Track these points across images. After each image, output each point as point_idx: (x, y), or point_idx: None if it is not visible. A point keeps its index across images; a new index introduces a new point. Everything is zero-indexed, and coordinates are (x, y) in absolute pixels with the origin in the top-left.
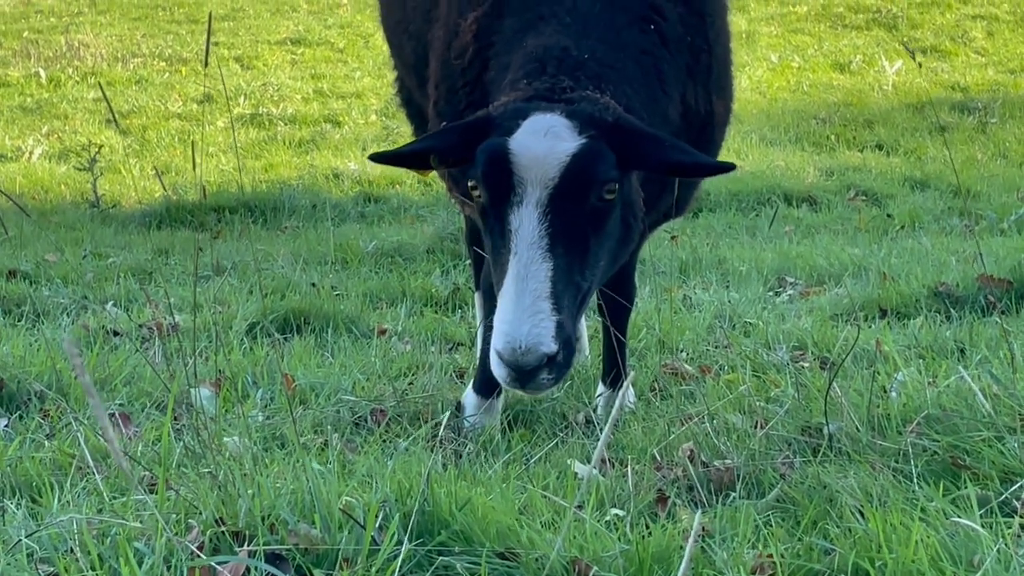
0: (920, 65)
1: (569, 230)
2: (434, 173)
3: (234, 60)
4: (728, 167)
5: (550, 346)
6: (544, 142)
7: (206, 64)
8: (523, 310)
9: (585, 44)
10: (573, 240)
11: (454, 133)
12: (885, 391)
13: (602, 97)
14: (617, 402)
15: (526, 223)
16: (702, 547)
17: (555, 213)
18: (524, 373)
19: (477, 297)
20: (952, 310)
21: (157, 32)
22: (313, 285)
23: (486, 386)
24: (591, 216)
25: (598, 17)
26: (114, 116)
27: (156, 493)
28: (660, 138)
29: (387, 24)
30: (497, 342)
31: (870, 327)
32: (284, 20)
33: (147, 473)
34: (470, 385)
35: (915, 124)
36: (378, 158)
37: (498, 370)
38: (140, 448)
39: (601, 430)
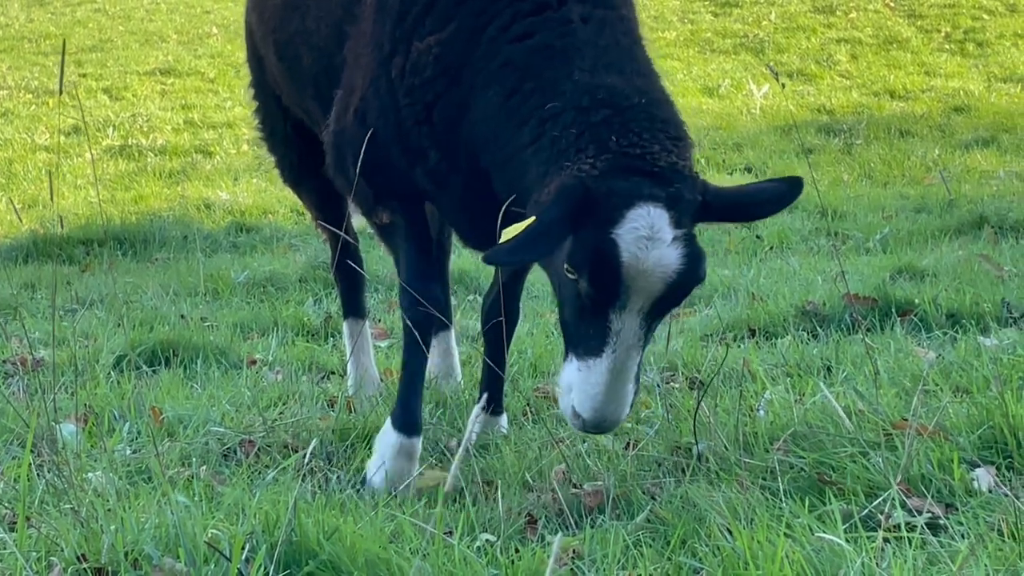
0: (783, 86)
1: (657, 323)
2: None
3: (102, 91)
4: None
5: (626, 414)
6: (653, 253)
7: (60, 92)
8: (613, 398)
9: (631, 82)
10: (656, 327)
11: (560, 231)
12: (753, 410)
13: (686, 164)
14: (468, 427)
15: (628, 328)
16: (572, 569)
17: (652, 315)
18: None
19: (346, 325)
20: (819, 328)
21: (23, 64)
22: (182, 317)
23: (411, 425)
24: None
25: (608, 42)
26: None
27: (16, 531)
28: (738, 198)
29: (277, 38)
30: (584, 410)
31: (739, 347)
32: (153, 50)
33: (8, 511)
34: (387, 423)
35: (783, 146)
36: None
37: (572, 419)
38: (1, 486)
39: (472, 455)
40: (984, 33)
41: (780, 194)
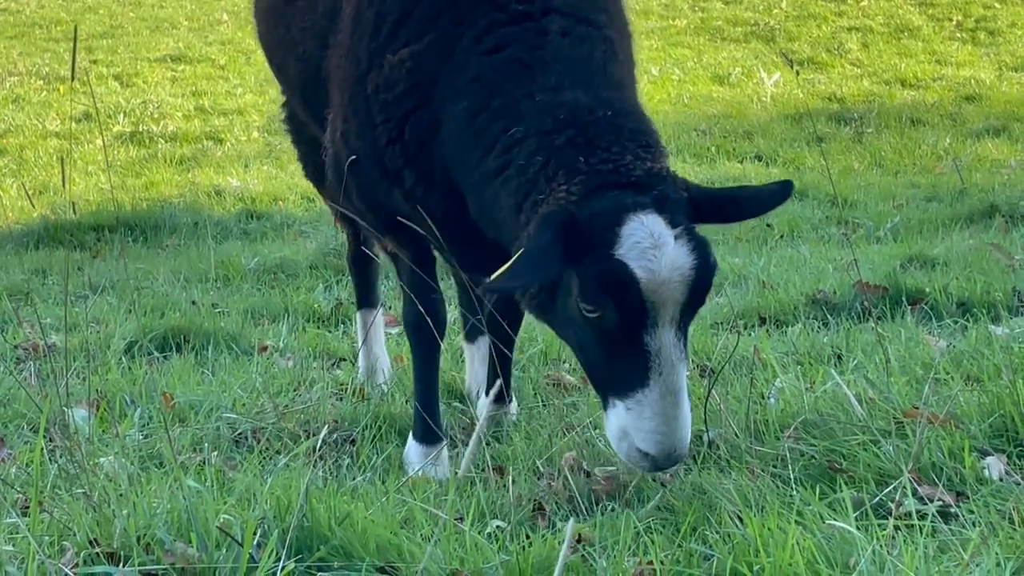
0: (797, 73)
1: (688, 326)
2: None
3: (113, 78)
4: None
5: (690, 437)
6: (665, 260)
7: (73, 78)
8: (674, 422)
9: (597, 95)
10: (688, 330)
11: (553, 255)
12: (764, 397)
13: (662, 167)
14: (484, 414)
15: (667, 344)
16: (583, 555)
17: (683, 322)
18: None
19: (359, 315)
20: (829, 317)
21: (34, 50)
22: (193, 303)
23: (429, 434)
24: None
25: (582, 56)
26: None
27: (29, 515)
28: (724, 196)
29: (267, 43)
30: (649, 447)
31: (749, 335)
32: (164, 37)
33: (20, 495)
34: (410, 437)
35: (793, 135)
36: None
37: (640, 462)
38: (13, 470)
39: (485, 443)
40: (995, 22)
41: (769, 194)
